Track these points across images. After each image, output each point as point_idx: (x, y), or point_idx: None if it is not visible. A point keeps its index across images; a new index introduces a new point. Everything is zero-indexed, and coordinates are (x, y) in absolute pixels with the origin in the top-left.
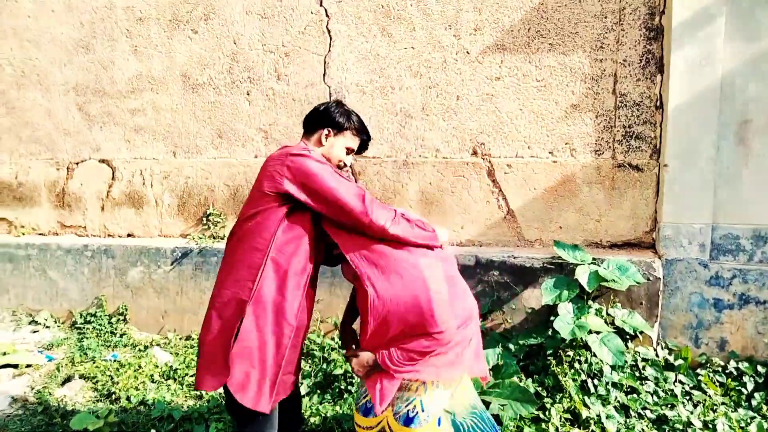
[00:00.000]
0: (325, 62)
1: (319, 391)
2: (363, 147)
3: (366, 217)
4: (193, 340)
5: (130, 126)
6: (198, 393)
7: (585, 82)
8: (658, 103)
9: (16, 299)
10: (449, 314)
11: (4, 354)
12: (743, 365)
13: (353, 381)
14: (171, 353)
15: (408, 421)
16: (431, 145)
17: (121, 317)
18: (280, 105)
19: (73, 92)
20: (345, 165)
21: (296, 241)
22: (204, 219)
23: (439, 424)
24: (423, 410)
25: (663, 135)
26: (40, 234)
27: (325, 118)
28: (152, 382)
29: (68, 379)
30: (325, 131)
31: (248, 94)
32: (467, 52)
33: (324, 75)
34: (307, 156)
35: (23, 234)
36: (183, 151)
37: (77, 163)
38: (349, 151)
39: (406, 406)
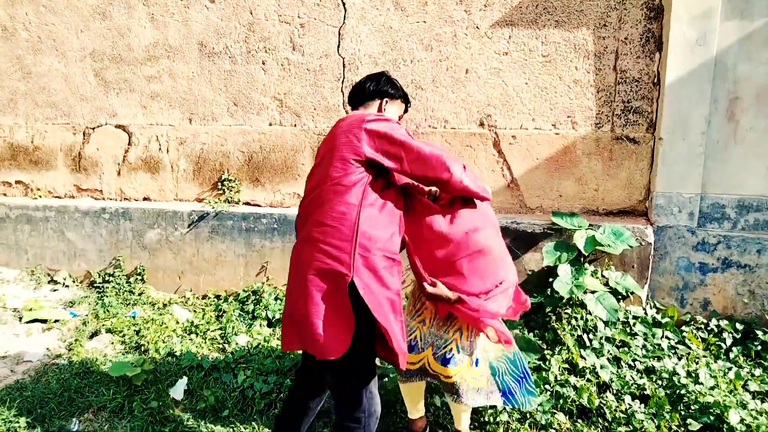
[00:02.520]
0: (339, 34)
1: None
2: (405, 113)
3: (447, 172)
4: (209, 299)
5: (146, 93)
6: (220, 346)
7: (588, 59)
8: (655, 80)
9: (34, 259)
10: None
11: (31, 310)
12: (723, 323)
13: None
14: (190, 311)
15: (445, 361)
16: (440, 116)
17: (139, 277)
18: (295, 75)
19: (90, 58)
20: None
21: (382, 209)
22: (219, 184)
23: (476, 365)
24: (459, 352)
25: (659, 110)
26: (56, 197)
27: (381, 89)
28: (177, 336)
29: (95, 333)
30: (384, 100)
31: (264, 64)
32: (477, 27)
33: (338, 46)
34: (385, 119)
35: (40, 197)
36: (199, 118)
37: (93, 128)
38: (399, 117)
39: (443, 348)
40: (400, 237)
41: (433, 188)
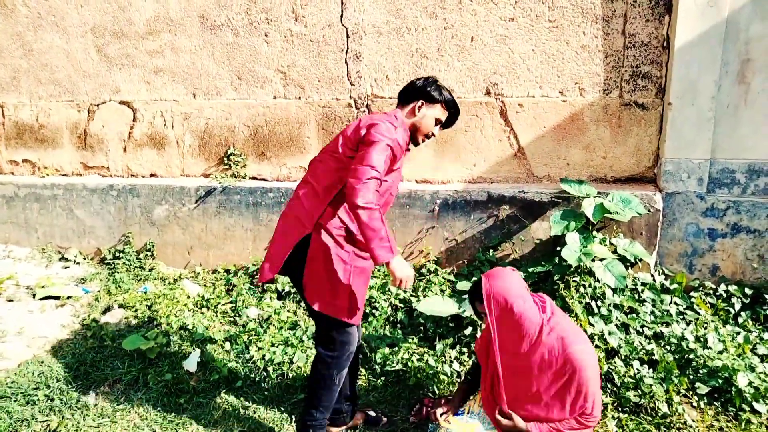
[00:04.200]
0: (342, 3)
1: None
2: (451, 121)
3: (356, 185)
4: (219, 273)
5: (149, 68)
6: (231, 319)
7: (596, 23)
8: (665, 44)
9: (44, 237)
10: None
11: (43, 287)
12: (732, 288)
13: (377, 306)
14: (200, 285)
15: None
16: (446, 85)
17: (149, 253)
18: (298, 46)
19: (91, 34)
20: (433, 135)
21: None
22: (225, 159)
23: None
24: None
25: (668, 74)
26: (63, 175)
27: (420, 91)
28: (188, 310)
29: (108, 309)
30: (419, 103)
31: (266, 36)
32: None
33: (341, 16)
34: (391, 123)
35: (47, 175)
36: (203, 93)
37: (98, 105)
38: (437, 122)
39: None
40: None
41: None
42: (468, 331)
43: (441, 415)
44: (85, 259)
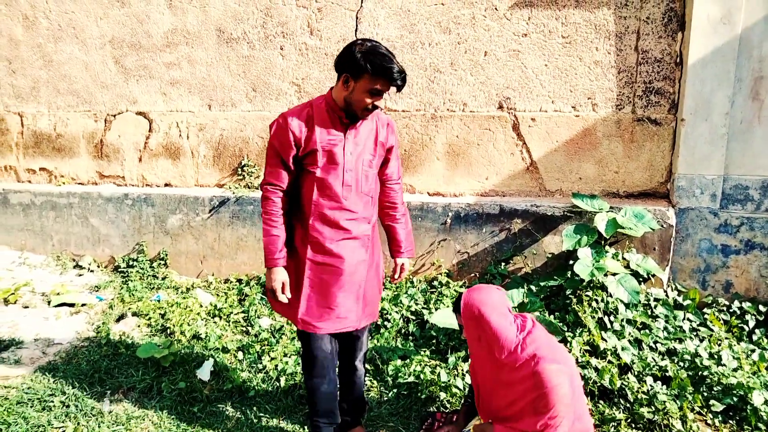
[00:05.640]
0: (356, 18)
1: None
2: (388, 86)
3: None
4: (231, 283)
5: (166, 79)
6: (244, 328)
7: (609, 39)
8: (678, 60)
9: (59, 245)
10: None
11: (58, 294)
12: (746, 305)
13: (389, 317)
14: (213, 295)
15: None
16: (459, 99)
17: (162, 262)
18: (313, 60)
19: (110, 45)
20: (373, 108)
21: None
22: (239, 170)
23: None
24: None
25: (681, 90)
26: (79, 183)
27: (344, 61)
28: (201, 319)
29: (122, 317)
30: (344, 76)
31: (282, 49)
32: (495, 9)
33: (356, 30)
34: (277, 120)
35: (63, 183)
36: (218, 104)
37: (114, 115)
38: (371, 93)
39: None
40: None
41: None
42: None
43: None
44: (99, 267)
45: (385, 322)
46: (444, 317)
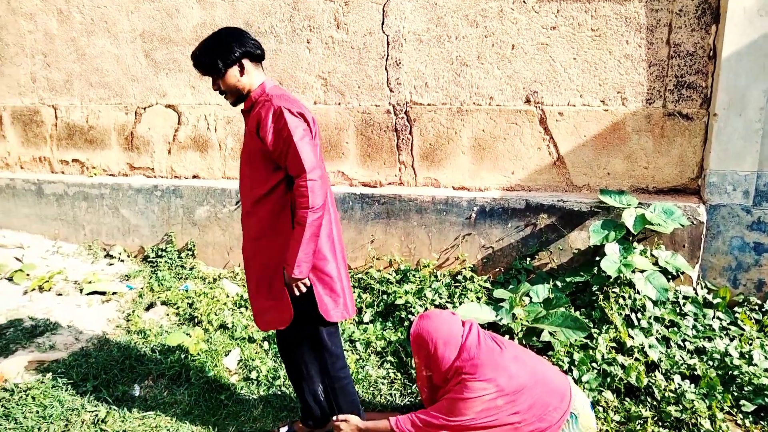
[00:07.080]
0: (383, 11)
1: (381, 319)
2: (202, 71)
3: None
4: None
5: (194, 72)
6: None
7: (640, 32)
8: (711, 54)
9: (91, 235)
10: None
11: (90, 282)
12: None
13: (413, 311)
14: (239, 285)
15: None
16: (485, 93)
17: (190, 252)
18: (339, 53)
19: (140, 39)
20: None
21: None
22: None
23: None
24: None
25: (714, 85)
26: (110, 175)
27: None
28: (227, 309)
29: (151, 305)
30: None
31: (308, 43)
32: (524, 2)
33: (382, 24)
34: None
35: (95, 174)
36: None
37: (145, 108)
38: (215, 88)
39: None
40: None
41: None
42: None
43: None
44: (129, 256)
45: (409, 315)
46: (468, 311)
